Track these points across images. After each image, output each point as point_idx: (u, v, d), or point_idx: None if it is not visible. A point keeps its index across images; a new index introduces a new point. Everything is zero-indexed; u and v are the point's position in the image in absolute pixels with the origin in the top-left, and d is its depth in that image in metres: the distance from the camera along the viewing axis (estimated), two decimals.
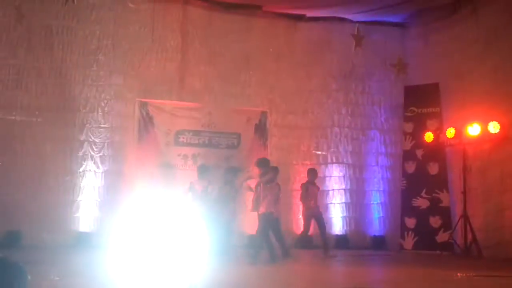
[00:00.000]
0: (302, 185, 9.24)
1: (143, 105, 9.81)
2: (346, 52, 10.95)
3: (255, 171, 7.76)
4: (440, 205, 9.83)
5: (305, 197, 9.05)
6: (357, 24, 10.99)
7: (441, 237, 9.62)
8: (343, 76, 10.94)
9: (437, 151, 9.96)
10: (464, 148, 9.34)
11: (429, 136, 9.92)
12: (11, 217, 8.58)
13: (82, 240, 8.94)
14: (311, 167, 9.76)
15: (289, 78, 10.72)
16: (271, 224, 7.46)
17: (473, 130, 9.00)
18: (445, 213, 9.78)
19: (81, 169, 9.38)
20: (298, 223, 10.36)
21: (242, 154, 10.15)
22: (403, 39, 11.19)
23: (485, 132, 8.85)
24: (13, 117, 9.13)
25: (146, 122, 9.78)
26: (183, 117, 10.00)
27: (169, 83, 10.10)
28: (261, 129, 10.42)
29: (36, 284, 4.92)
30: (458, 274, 6.21)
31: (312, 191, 9.02)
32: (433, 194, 9.92)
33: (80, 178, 9.37)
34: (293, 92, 10.71)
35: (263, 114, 10.49)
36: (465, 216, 8.92)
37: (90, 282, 5.13)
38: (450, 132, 9.47)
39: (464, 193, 9.10)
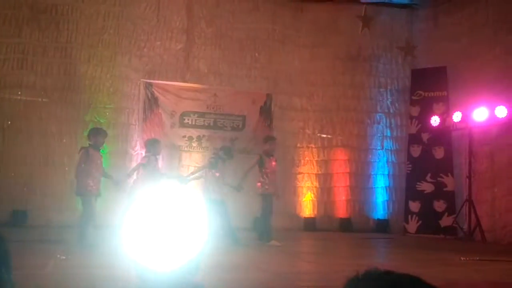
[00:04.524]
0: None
1: (148, 86, 9.78)
2: (353, 34, 10.81)
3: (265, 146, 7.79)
4: (445, 189, 9.82)
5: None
6: (364, 6, 10.84)
7: (445, 221, 9.63)
8: (349, 59, 10.83)
9: (443, 135, 9.91)
10: (470, 133, 9.29)
11: (435, 120, 9.85)
12: (18, 196, 8.64)
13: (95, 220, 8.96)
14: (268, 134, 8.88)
15: (295, 60, 10.64)
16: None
17: (480, 114, 8.93)
18: (450, 198, 9.77)
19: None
20: (303, 206, 10.43)
21: (247, 136, 10.14)
22: (411, 21, 11.04)
23: (492, 117, 8.78)
24: (19, 97, 9.13)
25: (151, 103, 9.76)
26: (188, 98, 9.97)
27: (174, 64, 10.05)
28: (266, 112, 10.38)
29: (42, 262, 4.99)
30: (462, 258, 6.23)
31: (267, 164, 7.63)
32: (438, 178, 9.89)
33: None
34: (299, 75, 10.64)
35: (269, 96, 10.43)
36: (469, 201, 8.90)
37: (95, 261, 5.18)
38: (457, 116, 9.40)
39: (469, 177, 9.08)
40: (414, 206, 10.09)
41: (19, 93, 9.15)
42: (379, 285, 0.98)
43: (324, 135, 10.74)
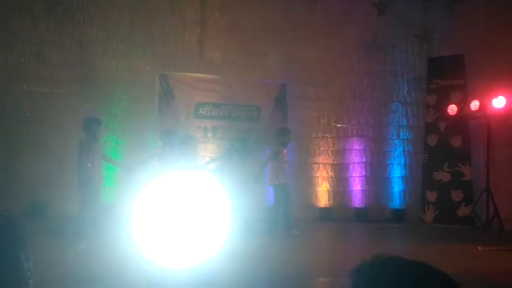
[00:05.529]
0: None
1: (163, 77, 9.81)
2: (368, 22, 10.67)
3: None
4: (462, 178, 9.71)
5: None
6: None
7: (462, 211, 9.54)
8: (364, 47, 10.71)
9: (460, 124, 9.78)
10: (488, 121, 9.15)
11: (452, 109, 9.73)
12: (38, 188, 8.78)
13: (104, 212, 9.09)
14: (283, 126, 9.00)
15: (309, 49, 10.54)
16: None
17: (498, 102, 8.79)
18: (467, 187, 9.66)
19: (102, 141, 9.49)
20: (318, 196, 10.42)
21: (262, 127, 10.12)
22: (427, 8, 10.86)
23: (510, 105, 8.64)
24: (36, 89, 9.25)
25: (166, 94, 9.80)
26: (203, 89, 9.98)
27: (188, 55, 10.07)
28: (281, 102, 10.34)
29: (62, 254, 5.08)
30: (479, 247, 6.18)
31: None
32: (455, 168, 9.79)
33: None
34: (313, 64, 10.55)
35: (283, 86, 10.39)
36: (487, 190, 8.80)
37: (113, 253, 5.26)
38: (474, 105, 9.27)
39: (487, 167, 8.96)
40: (431, 195, 10.01)
41: (36, 85, 9.26)
42: (385, 271, 0.98)
43: (340, 125, 10.68)
